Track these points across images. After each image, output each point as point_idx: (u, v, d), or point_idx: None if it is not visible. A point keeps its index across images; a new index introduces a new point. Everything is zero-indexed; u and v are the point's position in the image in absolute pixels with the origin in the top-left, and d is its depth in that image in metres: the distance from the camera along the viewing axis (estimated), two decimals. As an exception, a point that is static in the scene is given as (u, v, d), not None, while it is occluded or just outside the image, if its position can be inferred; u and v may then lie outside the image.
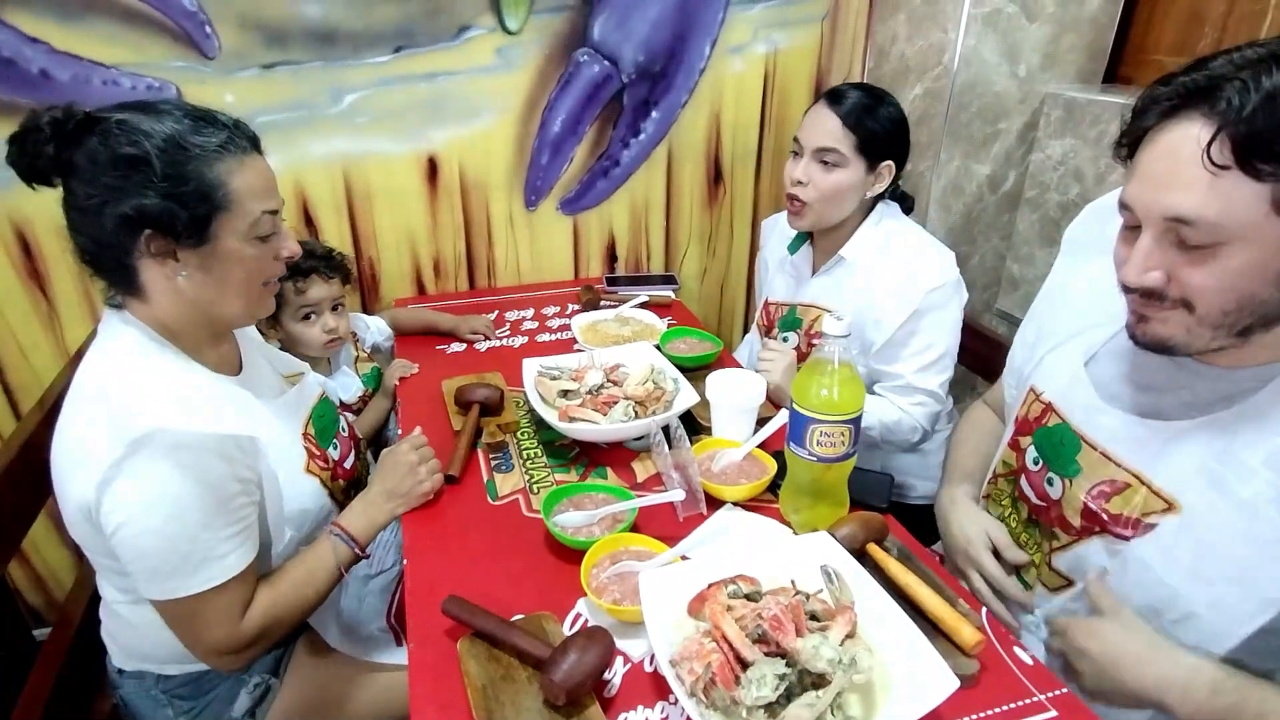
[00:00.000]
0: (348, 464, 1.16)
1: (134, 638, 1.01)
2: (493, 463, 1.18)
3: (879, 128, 1.32)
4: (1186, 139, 0.70)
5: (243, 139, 0.89)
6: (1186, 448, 0.80)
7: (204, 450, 0.84)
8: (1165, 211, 0.72)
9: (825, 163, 1.33)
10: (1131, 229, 0.78)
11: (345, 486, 1.14)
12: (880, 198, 1.40)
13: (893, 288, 1.33)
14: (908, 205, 1.47)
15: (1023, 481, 0.98)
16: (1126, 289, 0.78)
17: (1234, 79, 0.68)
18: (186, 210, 0.83)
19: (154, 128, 0.82)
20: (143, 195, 0.81)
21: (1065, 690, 0.79)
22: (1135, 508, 0.83)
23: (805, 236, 1.50)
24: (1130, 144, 0.77)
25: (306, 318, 1.40)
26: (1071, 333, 0.96)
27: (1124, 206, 0.77)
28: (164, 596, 0.87)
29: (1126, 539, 0.84)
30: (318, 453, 1.09)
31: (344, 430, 1.19)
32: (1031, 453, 0.96)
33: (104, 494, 0.81)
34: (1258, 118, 0.66)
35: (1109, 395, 0.89)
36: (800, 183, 1.36)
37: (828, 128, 1.32)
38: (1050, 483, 0.93)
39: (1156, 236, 0.74)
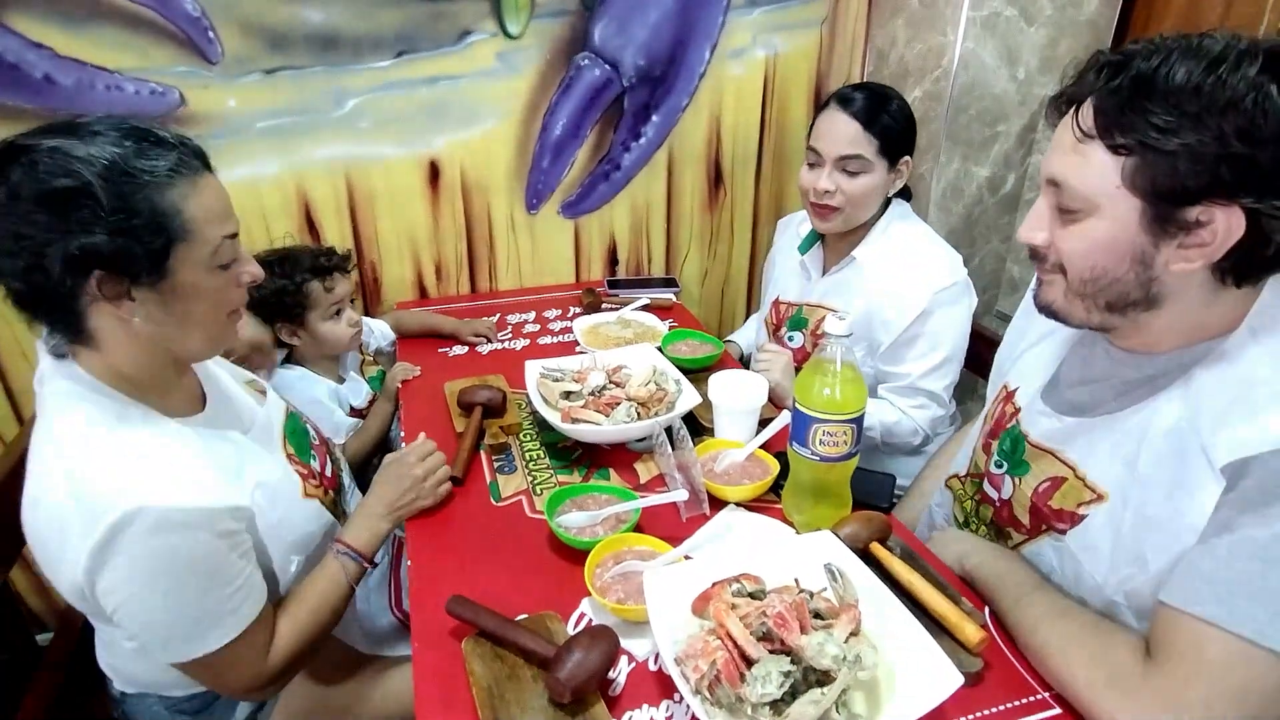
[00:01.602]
0: (329, 471, 1.12)
1: (135, 669, 0.98)
2: (495, 464, 1.19)
3: (896, 126, 1.32)
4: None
5: (192, 158, 0.80)
6: (1113, 435, 0.82)
7: (189, 526, 0.78)
8: (1047, 173, 0.77)
9: (849, 171, 1.33)
10: None
11: (334, 497, 1.10)
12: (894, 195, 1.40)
13: (901, 288, 1.33)
14: (906, 197, 1.47)
15: (985, 484, 1.00)
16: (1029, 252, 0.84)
17: (1130, 58, 0.71)
18: (141, 245, 0.75)
19: (92, 153, 0.73)
20: (88, 233, 0.72)
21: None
22: (1070, 500, 0.85)
23: (817, 236, 1.50)
24: (1065, 107, 0.79)
25: (338, 314, 1.42)
26: (1048, 331, 0.97)
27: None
28: (181, 659, 0.83)
29: (1063, 533, 0.86)
30: (305, 471, 1.04)
31: (314, 437, 1.13)
32: (996, 455, 0.99)
33: (95, 579, 0.76)
34: (1122, 93, 0.70)
35: (1063, 393, 0.91)
36: (828, 192, 1.34)
37: (848, 135, 1.31)
38: (1004, 483, 0.96)
39: (1047, 199, 0.79)
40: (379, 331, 1.63)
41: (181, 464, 0.82)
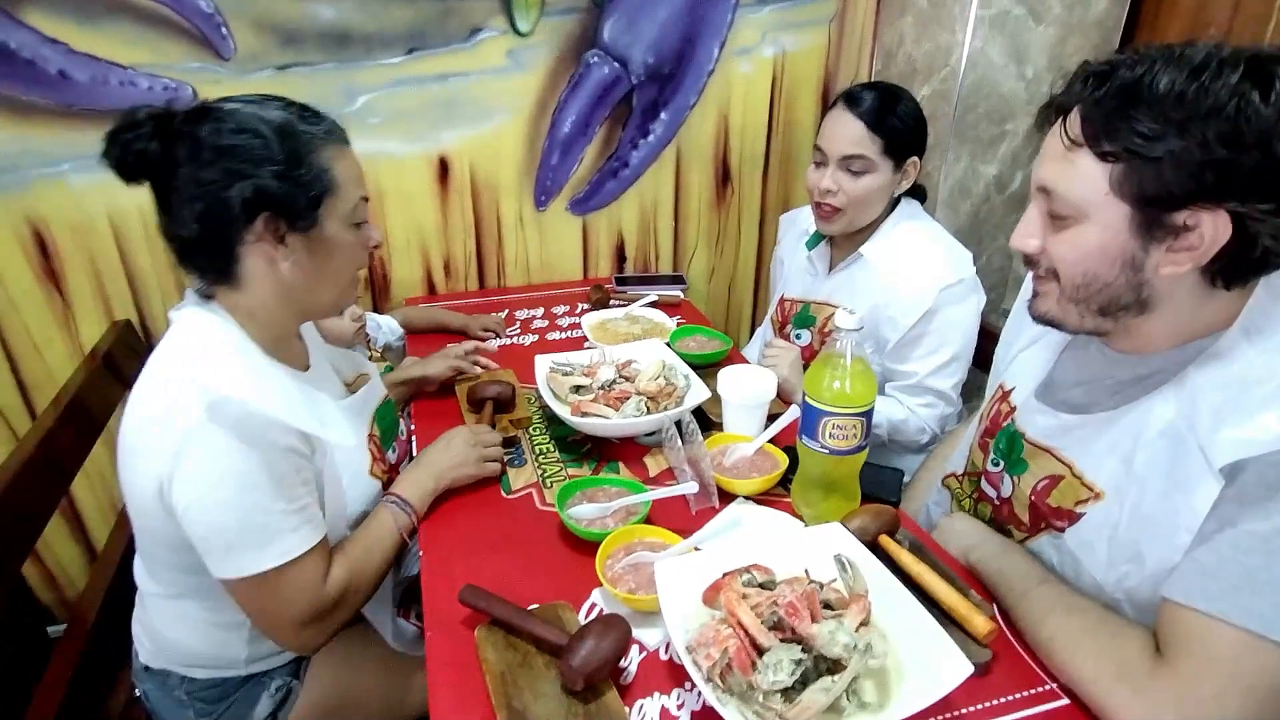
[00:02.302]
0: (402, 468, 1.15)
1: (167, 633, 1.01)
2: (506, 457, 1.19)
3: (902, 127, 1.32)
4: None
5: (337, 129, 0.93)
6: (1109, 433, 0.82)
7: (265, 433, 0.85)
8: (1037, 181, 0.79)
9: (853, 170, 1.33)
10: None
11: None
12: (903, 194, 1.40)
13: (907, 286, 1.33)
14: (920, 197, 1.47)
15: (983, 482, 1.01)
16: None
17: (1115, 68, 0.72)
18: (302, 192, 0.87)
19: (265, 115, 0.86)
20: (262, 177, 0.84)
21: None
22: (1068, 498, 0.86)
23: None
24: (1054, 117, 0.80)
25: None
26: (1042, 332, 0.98)
27: None
28: (241, 573, 0.85)
29: (1061, 531, 0.86)
30: (379, 455, 1.09)
31: (403, 434, 1.19)
32: (993, 453, 0.99)
33: (177, 467, 0.81)
34: (1107, 101, 0.71)
35: (1059, 393, 0.92)
36: (830, 191, 1.35)
37: (852, 134, 1.31)
38: (1003, 481, 0.96)
39: (1039, 206, 0.80)
40: (387, 327, 1.64)
41: (277, 386, 0.89)
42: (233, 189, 0.83)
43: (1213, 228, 0.69)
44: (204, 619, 0.97)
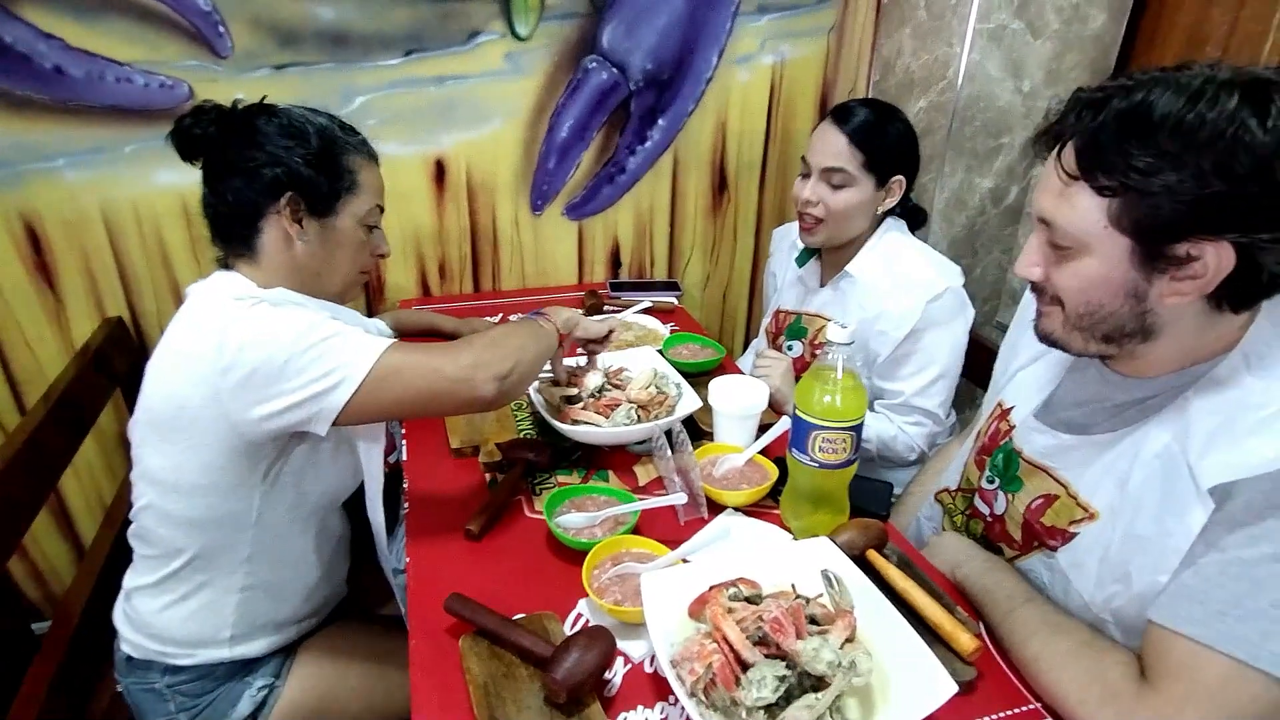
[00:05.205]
0: (391, 459, 1.19)
1: (152, 615, 1.01)
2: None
3: (887, 144, 1.32)
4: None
5: (370, 148, 1.07)
6: (1106, 455, 0.82)
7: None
8: (1037, 211, 0.79)
9: (832, 184, 1.34)
10: None
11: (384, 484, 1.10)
12: (890, 213, 1.41)
13: (895, 303, 1.33)
14: (920, 219, 1.47)
15: (977, 499, 1.01)
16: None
17: (1108, 96, 0.71)
18: (325, 182, 0.99)
19: (312, 119, 1.01)
20: (296, 162, 0.96)
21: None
22: (1063, 518, 0.86)
23: (813, 250, 1.51)
24: (1049, 144, 0.79)
25: None
26: (1041, 350, 0.97)
27: None
28: (366, 367, 0.90)
29: (1054, 550, 0.86)
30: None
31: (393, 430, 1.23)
32: (988, 470, 0.99)
33: (225, 336, 0.87)
34: (1102, 133, 0.70)
35: (1057, 413, 0.92)
36: (810, 202, 1.36)
37: (835, 147, 1.32)
38: (997, 498, 0.96)
39: (1040, 235, 0.80)
40: (375, 329, 1.62)
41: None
42: (268, 167, 0.95)
43: (1216, 258, 0.68)
44: (194, 580, 0.99)
